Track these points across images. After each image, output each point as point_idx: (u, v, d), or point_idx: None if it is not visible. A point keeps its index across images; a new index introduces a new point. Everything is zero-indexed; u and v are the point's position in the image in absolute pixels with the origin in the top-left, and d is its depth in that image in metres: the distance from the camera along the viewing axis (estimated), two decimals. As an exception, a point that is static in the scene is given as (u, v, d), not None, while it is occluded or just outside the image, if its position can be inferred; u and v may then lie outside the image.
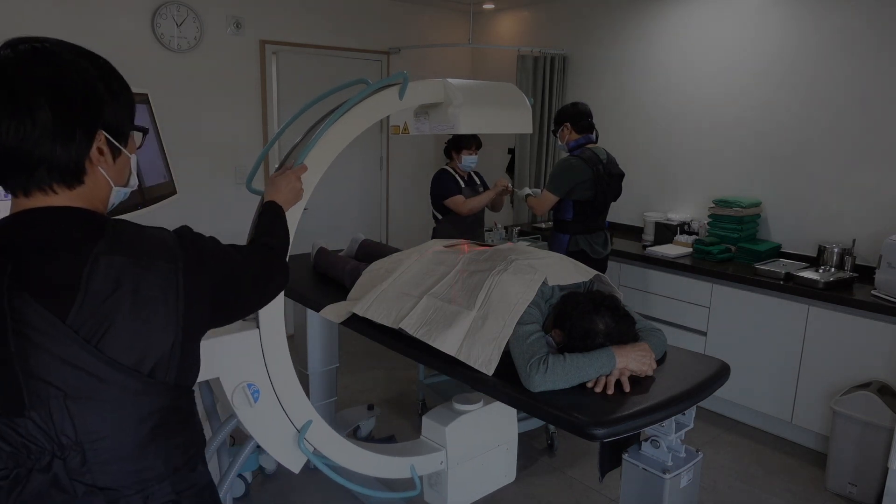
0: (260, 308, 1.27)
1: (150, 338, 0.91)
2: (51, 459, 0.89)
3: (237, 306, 1.12)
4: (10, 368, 0.84)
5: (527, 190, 3.65)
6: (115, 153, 0.99)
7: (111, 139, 0.97)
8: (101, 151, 0.96)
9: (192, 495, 1.01)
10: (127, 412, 0.91)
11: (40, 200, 0.92)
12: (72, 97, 0.90)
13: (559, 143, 3.45)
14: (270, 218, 1.48)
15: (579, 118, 3.34)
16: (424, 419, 2.17)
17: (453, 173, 3.75)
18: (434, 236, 3.72)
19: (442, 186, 3.73)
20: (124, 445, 0.92)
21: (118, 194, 1.02)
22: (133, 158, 1.04)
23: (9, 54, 0.89)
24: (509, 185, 3.74)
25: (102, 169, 0.97)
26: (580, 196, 3.27)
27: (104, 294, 0.87)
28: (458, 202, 3.69)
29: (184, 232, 1.01)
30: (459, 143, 3.72)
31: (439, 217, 3.78)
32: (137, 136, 1.05)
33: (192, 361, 1.00)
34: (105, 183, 0.98)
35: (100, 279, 0.87)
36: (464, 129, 2.00)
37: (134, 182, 1.06)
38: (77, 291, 0.86)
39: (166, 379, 0.94)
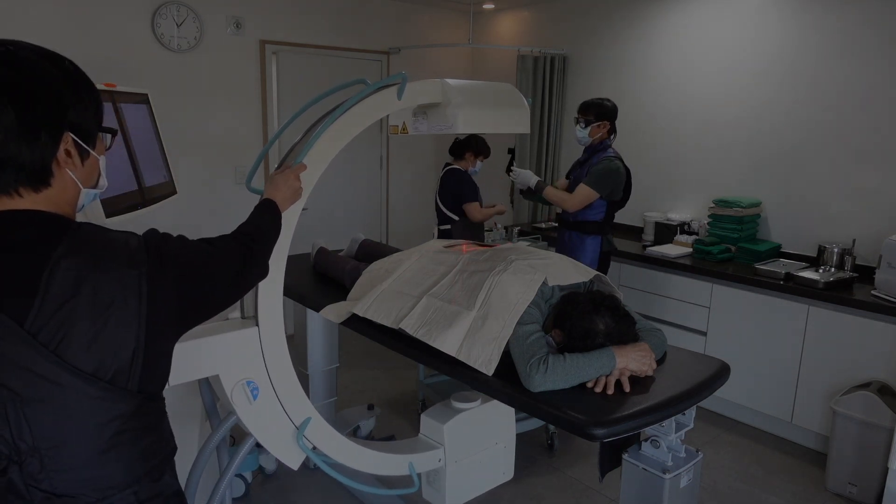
0: (236, 301, 1.22)
1: (109, 343, 0.89)
2: (7, 464, 0.87)
3: (210, 302, 1.09)
4: None
5: (529, 176, 3.37)
6: (84, 155, 0.98)
7: (78, 141, 0.96)
8: (68, 153, 0.95)
9: None
10: (85, 419, 0.89)
11: (5, 203, 0.91)
12: (34, 98, 0.89)
13: (584, 134, 3.27)
14: (260, 212, 1.46)
15: (615, 118, 3.29)
16: (423, 417, 2.17)
17: (470, 176, 3.78)
18: (449, 237, 3.72)
19: (466, 188, 3.74)
20: (83, 452, 0.90)
21: (87, 196, 1.02)
22: (102, 160, 1.04)
23: None
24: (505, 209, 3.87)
25: (70, 171, 0.96)
26: (616, 197, 3.26)
27: (63, 298, 0.85)
28: (476, 209, 3.74)
29: (149, 235, 1.00)
30: (481, 150, 3.78)
31: (454, 218, 3.78)
32: (107, 137, 1.05)
33: (158, 368, 0.97)
34: (73, 185, 0.97)
35: (59, 283, 0.86)
36: (462, 129, 2.01)
37: (103, 183, 1.05)
38: (35, 296, 0.85)
39: (128, 386, 0.92)
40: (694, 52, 4.03)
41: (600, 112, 3.27)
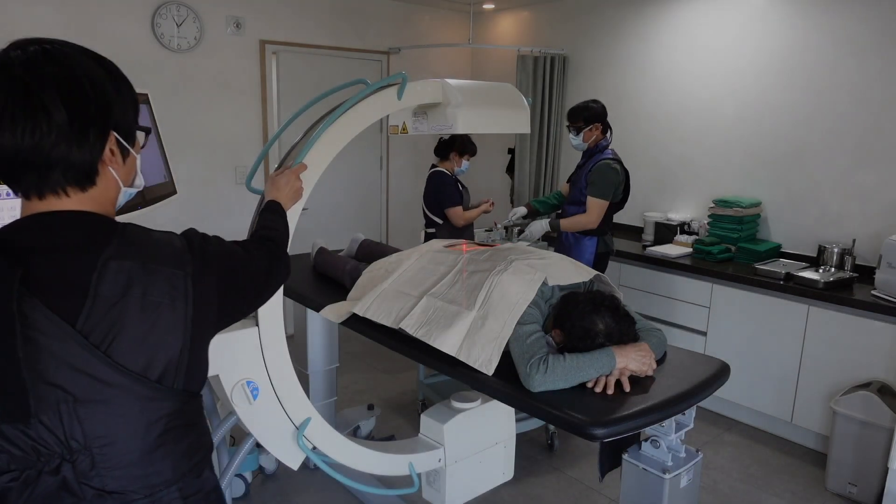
0: (263, 304, 1.27)
1: (158, 343, 0.91)
2: (60, 463, 0.89)
3: (242, 305, 1.12)
4: (18, 375, 0.82)
5: (540, 225, 3.41)
6: (124, 154, 0.99)
7: (120, 140, 0.96)
8: (112, 152, 0.96)
9: (198, 500, 1.02)
10: (135, 417, 0.91)
11: (53, 203, 0.92)
12: (84, 97, 0.89)
13: (578, 141, 3.29)
14: (270, 214, 1.49)
15: (606, 117, 3.27)
16: (423, 417, 2.17)
17: (453, 178, 3.71)
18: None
19: (446, 192, 3.64)
20: (132, 450, 0.92)
21: (125, 195, 1.02)
22: (138, 158, 1.04)
23: (19, 55, 0.88)
24: (492, 205, 3.80)
25: (113, 170, 0.96)
26: (615, 198, 3.26)
27: (113, 299, 0.87)
28: (458, 214, 3.64)
29: (191, 235, 1.01)
30: (465, 148, 3.68)
31: (438, 222, 3.70)
32: (140, 136, 1.05)
33: (199, 367, 1.00)
34: (115, 184, 0.98)
35: (109, 284, 0.87)
36: (462, 129, 2.01)
37: (140, 182, 1.06)
38: (86, 297, 0.86)
39: (174, 385, 0.94)
40: (694, 52, 4.03)
41: (589, 116, 3.26)
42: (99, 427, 0.89)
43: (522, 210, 3.69)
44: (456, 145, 3.68)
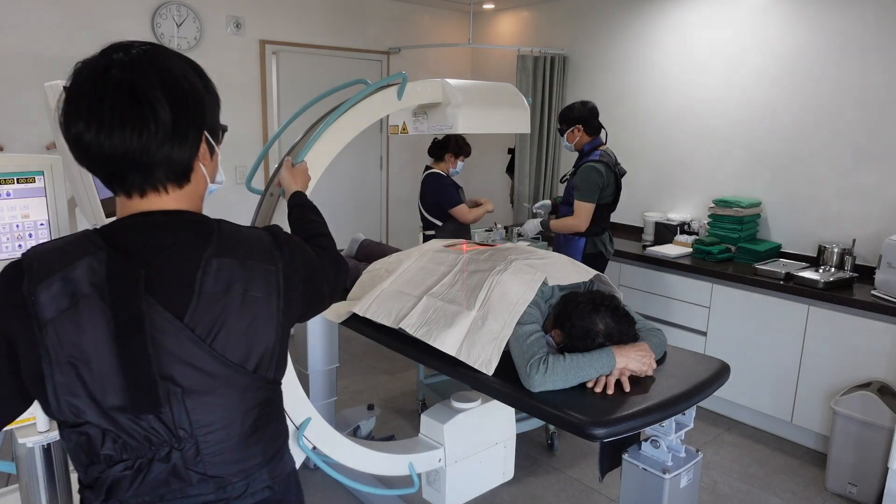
0: (331, 303, 1.32)
1: (256, 336, 0.96)
2: (170, 450, 0.94)
3: (318, 302, 1.18)
4: (149, 370, 0.88)
5: (533, 224, 3.50)
6: (211, 151, 1.02)
7: (209, 138, 1.00)
8: (203, 150, 0.99)
9: (281, 481, 1.08)
10: (235, 406, 0.97)
11: (154, 201, 0.95)
12: (184, 97, 0.93)
13: (565, 143, 3.34)
14: (307, 212, 1.56)
15: (592, 119, 3.26)
16: (423, 417, 2.17)
17: (449, 178, 3.70)
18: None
19: (446, 193, 3.64)
20: (231, 437, 0.98)
21: (210, 189, 1.07)
22: (219, 155, 1.08)
23: (122, 57, 0.90)
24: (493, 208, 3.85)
25: (203, 166, 1.00)
26: (604, 200, 3.25)
27: (216, 295, 0.92)
28: (464, 211, 3.64)
29: (276, 231, 1.06)
30: (460, 150, 3.68)
31: (437, 223, 3.70)
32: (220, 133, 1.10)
33: (284, 357, 1.05)
34: (204, 180, 1.02)
35: (212, 281, 0.92)
36: (462, 129, 2.01)
37: (221, 178, 1.10)
38: (192, 293, 0.91)
39: (267, 374, 0.99)
40: (694, 52, 4.03)
41: (569, 118, 3.28)
42: (204, 416, 0.94)
43: (548, 203, 3.78)
44: (451, 146, 3.67)
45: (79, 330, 0.86)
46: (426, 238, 3.75)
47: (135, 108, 0.87)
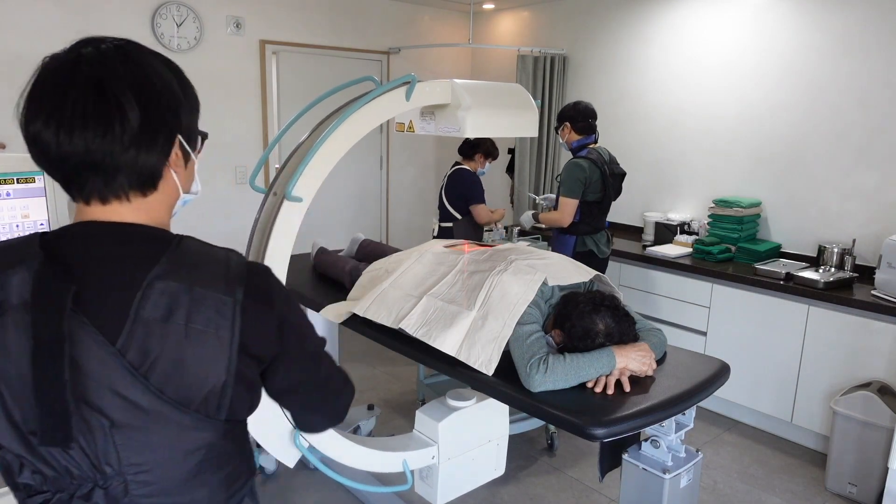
0: (333, 423, 1.18)
1: (199, 372, 0.84)
2: (92, 487, 0.85)
3: (306, 366, 1.03)
4: (62, 398, 0.77)
5: (528, 217, 3.61)
6: (186, 158, 0.93)
7: (185, 143, 0.91)
8: (176, 156, 0.91)
9: None
10: (172, 446, 0.86)
11: (112, 209, 0.86)
12: (158, 98, 0.85)
13: (560, 140, 3.44)
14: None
15: (579, 119, 3.33)
16: (418, 413, 2.17)
17: (478, 177, 3.83)
18: (451, 236, 3.73)
19: (474, 189, 3.77)
20: (168, 479, 0.87)
21: (184, 201, 0.96)
22: (196, 164, 0.99)
23: (92, 52, 0.82)
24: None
25: (176, 175, 0.91)
26: (589, 197, 3.27)
27: (154, 322, 0.81)
28: (483, 211, 3.78)
29: (257, 268, 0.92)
30: (490, 152, 3.84)
31: (457, 217, 3.80)
32: (199, 140, 1.00)
33: (248, 395, 0.91)
34: (175, 190, 0.93)
35: (151, 307, 0.81)
36: (470, 134, 2.00)
37: (197, 188, 0.99)
38: (126, 317, 0.80)
39: (217, 415, 0.87)
40: (694, 52, 4.03)
41: (560, 116, 3.41)
42: (135, 454, 0.84)
43: (552, 197, 3.82)
44: (482, 147, 3.83)
45: (2, 344, 0.78)
46: (441, 230, 3.84)
47: (100, 107, 0.80)
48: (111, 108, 0.80)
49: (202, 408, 0.85)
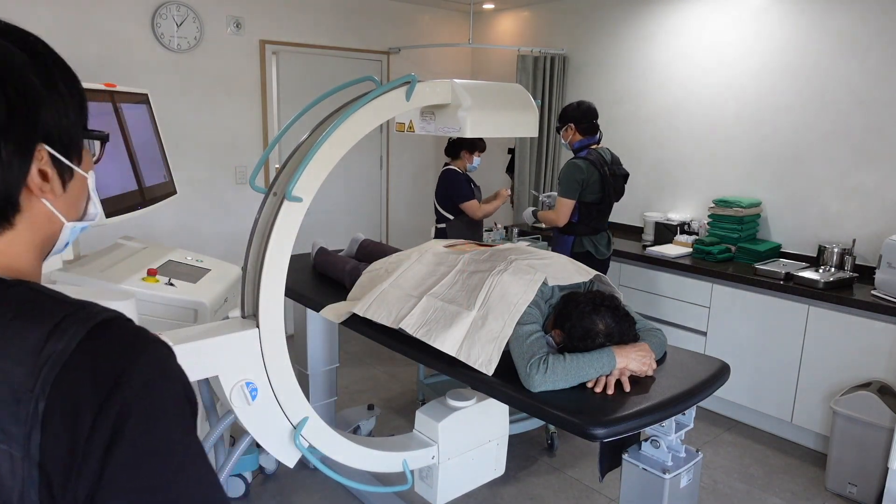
0: None
1: None
2: None
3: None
4: None
5: (528, 213, 3.63)
6: (65, 175, 0.67)
7: (56, 155, 0.65)
8: (43, 175, 0.65)
9: None
10: None
11: None
12: (2, 94, 0.60)
13: (562, 141, 3.43)
14: None
15: (583, 119, 3.31)
16: (418, 413, 2.17)
17: (464, 175, 3.79)
18: (445, 236, 3.73)
19: (457, 188, 3.75)
20: None
21: (73, 231, 0.71)
22: (91, 178, 0.73)
23: None
24: (510, 192, 3.89)
25: (47, 201, 0.66)
26: (588, 198, 3.26)
27: None
28: (475, 207, 3.76)
29: (113, 334, 0.60)
30: (475, 145, 3.78)
31: (449, 217, 3.79)
32: (95, 146, 0.76)
33: None
34: (48, 220, 0.67)
35: None
36: (470, 133, 2.00)
37: (94, 211, 0.74)
38: None
39: None
40: (694, 52, 4.03)
41: (563, 117, 3.39)
42: None
43: (554, 195, 3.80)
44: (465, 143, 3.79)
45: None
46: (438, 231, 3.85)
47: None
48: None
49: None
